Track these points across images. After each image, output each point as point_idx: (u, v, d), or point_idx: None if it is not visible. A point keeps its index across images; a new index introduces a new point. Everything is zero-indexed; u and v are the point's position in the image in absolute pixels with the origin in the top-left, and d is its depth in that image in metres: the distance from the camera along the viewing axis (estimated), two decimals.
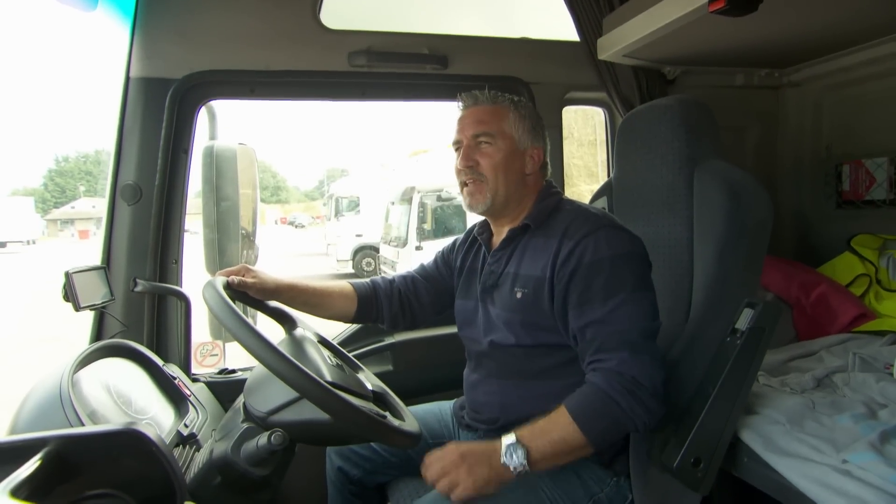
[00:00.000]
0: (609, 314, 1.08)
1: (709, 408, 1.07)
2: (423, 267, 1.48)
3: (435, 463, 1.01)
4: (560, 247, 1.14)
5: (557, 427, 1.02)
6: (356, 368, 1.31)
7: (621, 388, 1.02)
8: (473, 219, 1.39)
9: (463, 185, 1.26)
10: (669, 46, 1.63)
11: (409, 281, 1.44)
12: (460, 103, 1.29)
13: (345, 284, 1.44)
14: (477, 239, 1.37)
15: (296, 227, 36.44)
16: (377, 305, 1.41)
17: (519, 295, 1.19)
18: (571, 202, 1.27)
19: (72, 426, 1.00)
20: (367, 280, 1.46)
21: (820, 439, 1.05)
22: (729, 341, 1.11)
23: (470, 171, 1.24)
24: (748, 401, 1.18)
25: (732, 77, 2.01)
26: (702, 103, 1.36)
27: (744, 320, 1.11)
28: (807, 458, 1.01)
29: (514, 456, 0.98)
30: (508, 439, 1.00)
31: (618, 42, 1.64)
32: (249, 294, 1.23)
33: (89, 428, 0.98)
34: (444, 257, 1.45)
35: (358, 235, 12.50)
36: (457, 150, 1.28)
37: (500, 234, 1.30)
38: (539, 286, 1.16)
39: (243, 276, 1.22)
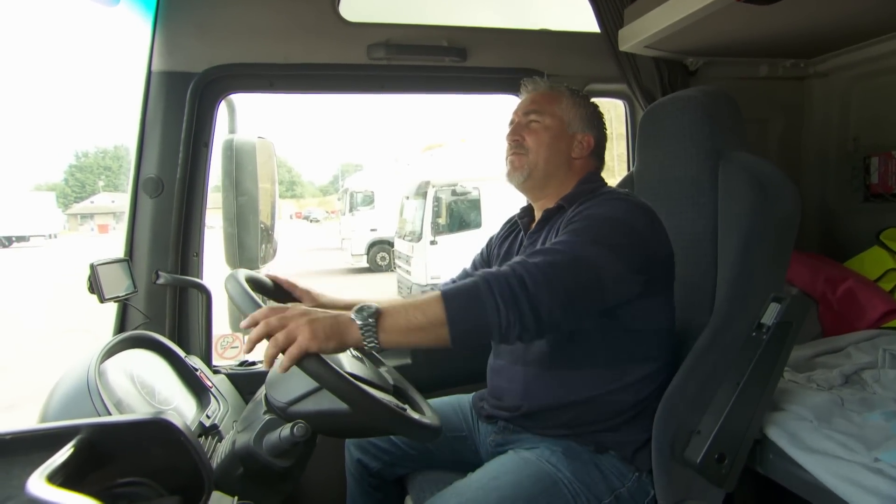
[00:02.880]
0: (560, 241, 1.05)
1: (734, 403, 1.05)
2: (472, 264, 1.49)
3: (277, 312, 0.90)
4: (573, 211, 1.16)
5: (422, 299, 0.95)
6: (377, 362, 1.31)
7: (504, 281, 0.94)
8: (489, 213, 1.39)
9: (506, 156, 1.30)
10: (692, 37, 1.60)
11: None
12: (521, 90, 1.35)
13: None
14: (518, 224, 1.39)
15: (310, 221, 36.68)
16: None
17: None
18: (612, 189, 1.28)
19: (99, 415, 1.02)
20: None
21: (850, 437, 1.03)
22: (755, 336, 1.09)
23: (515, 144, 1.28)
24: (773, 397, 1.16)
25: (756, 68, 1.98)
26: (727, 94, 1.33)
27: (770, 315, 1.09)
28: (836, 455, 0.99)
29: (363, 311, 0.91)
30: (366, 308, 0.92)
31: (639, 33, 1.61)
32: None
33: (119, 417, 1.00)
34: (489, 249, 1.47)
35: (372, 230, 12.56)
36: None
37: (538, 217, 1.31)
38: None
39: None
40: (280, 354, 0.88)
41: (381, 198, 12.49)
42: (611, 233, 1.07)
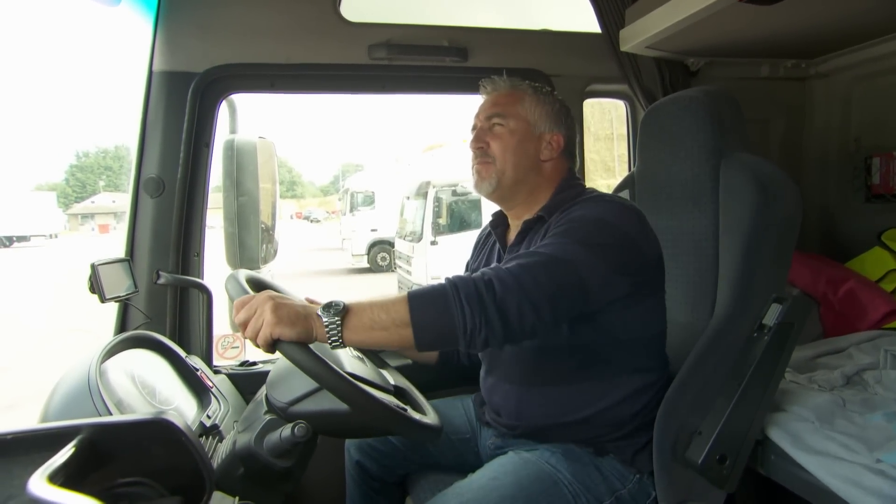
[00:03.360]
0: (545, 245, 1.02)
1: (735, 404, 1.05)
2: None
3: (244, 302, 0.91)
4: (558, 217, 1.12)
5: (389, 299, 0.94)
6: (377, 363, 1.31)
7: (471, 284, 0.92)
8: (490, 213, 1.38)
9: (472, 165, 1.26)
10: (693, 37, 1.60)
11: None
12: (481, 90, 1.29)
13: None
14: (492, 234, 1.35)
15: (311, 221, 36.73)
16: None
17: None
18: (594, 192, 1.22)
19: (100, 415, 1.02)
20: None
21: (851, 438, 1.03)
22: (756, 337, 1.09)
23: (479, 151, 1.23)
24: (775, 398, 1.16)
25: (757, 68, 1.98)
26: (728, 95, 1.33)
27: (771, 316, 1.09)
28: (838, 456, 0.99)
29: (331, 308, 0.91)
30: (334, 302, 0.92)
31: (640, 33, 1.61)
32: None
33: (120, 417, 1.00)
34: (470, 266, 1.43)
35: (373, 230, 12.56)
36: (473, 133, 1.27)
37: (515, 228, 1.27)
38: None
39: None
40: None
41: (381, 198, 12.50)
42: (597, 233, 1.04)
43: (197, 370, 1.41)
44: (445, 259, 7.72)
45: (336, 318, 0.90)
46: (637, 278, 1.08)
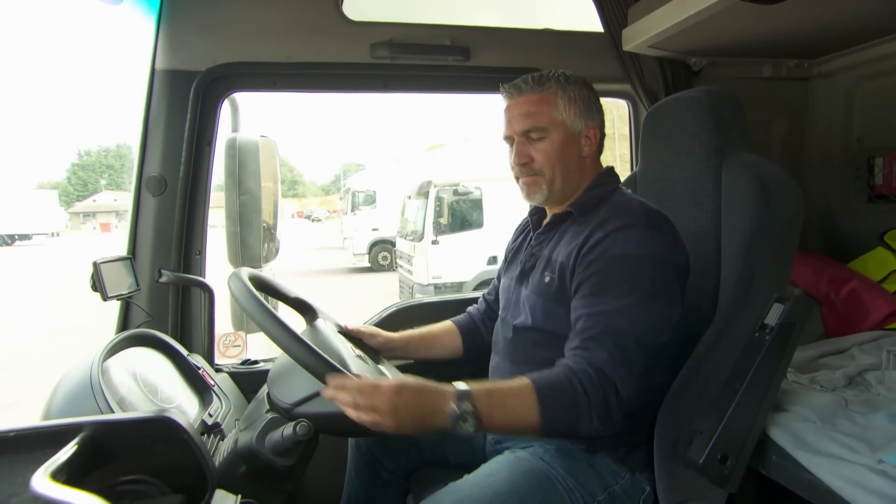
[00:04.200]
0: (615, 311, 1.03)
1: (737, 404, 1.04)
2: (497, 275, 1.48)
3: (365, 395, 0.93)
4: (589, 236, 1.11)
5: (518, 404, 0.98)
6: (377, 360, 1.31)
7: (599, 388, 0.98)
8: (491, 213, 1.38)
9: (517, 178, 1.24)
10: (696, 37, 1.59)
11: (495, 291, 1.45)
12: (503, 98, 1.23)
13: (446, 322, 1.49)
14: (529, 221, 1.36)
15: (312, 220, 36.79)
16: (479, 331, 1.45)
17: (547, 279, 1.17)
18: (625, 194, 1.21)
19: (102, 413, 1.02)
20: (465, 312, 1.51)
21: (854, 438, 1.02)
22: (758, 337, 1.09)
23: (525, 168, 1.20)
24: (777, 398, 1.16)
25: (760, 68, 1.97)
26: (730, 95, 1.33)
27: (773, 316, 1.08)
28: (840, 457, 0.99)
29: (463, 423, 0.94)
30: (463, 404, 0.94)
31: (643, 33, 1.61)
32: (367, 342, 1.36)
33: (122, 415, 1.00)
34: (507, 248, 1.45)
35: (374, 229, 12.57)
36: (509, 143, 1.24)
37: (550, 216, 1.28)
38: (563, 272, 1.14)
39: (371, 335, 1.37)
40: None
41: (382, 197, 12.50)
42: (660, 277, 1.06)
43: (199, 368, 1.41)
44: (447, 258, 7.71)
45: (473, 430, 0.95)
46: (682, 295, 1.13)
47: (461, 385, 0.97)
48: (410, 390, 0.95)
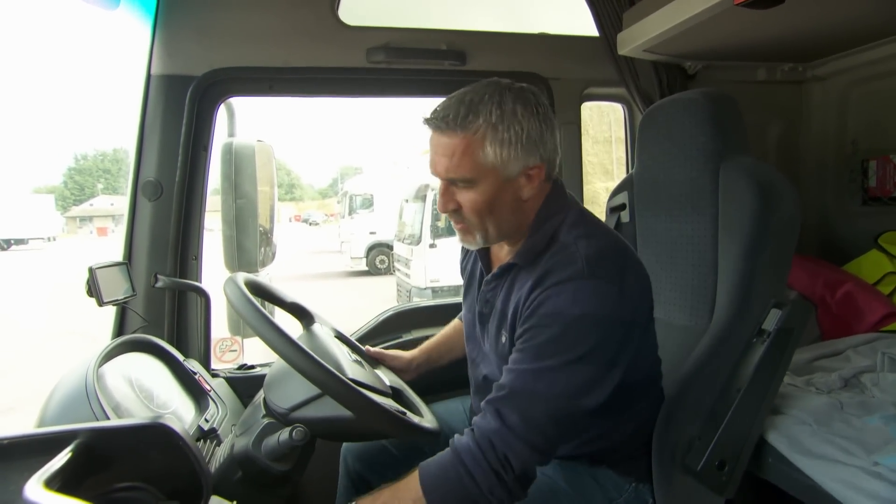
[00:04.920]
0: (532, 371, 0.93)
1: (734, 410, 1.05)
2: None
3: None
4: (531, 289, 0.98)
5: (404, 501, 0.93)
6: (374, 364, 1.31)
7: (486, 466, 0.90)
8: None
9: (453, 224, 1.09)
10: (691, 41, 1.60)
11: None
12: (426, 123, 1.01)
13: (454, 322, 1.47)
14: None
15: (310, 224, 36.72)
16: None
17: (503, 339, 1.07)
18: (571, 231, 1.02)
19: (97, 419, 1.01)
20: None
21: (849, 440, 1.03)
22: (756, 342, 1.09)
23: (453, 213, 1.04)
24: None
25: (754, 72, 1.98)
26: (728, 96, 1.32)
27: (771, 321, 1.09)
28: (835, 459, 0.99)
29: None
30: None
31: (638, 37, 1.61)
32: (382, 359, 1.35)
33: (118, 422, 0.99)
34: (462, 267, 1.34)
35: (372, 233, 12.55)
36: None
37: (496, 260, 1.16)
38: (512, 329, 1.04)
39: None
40: None
41: (380, 201, 12.49)
42: (592, 339, 0.92)
43: (195, 374, 1.41)
44: (444, 262, 7.71)
45: None
46: (635, 350, 1.00)
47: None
48: None
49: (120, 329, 1.54)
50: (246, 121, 1.68)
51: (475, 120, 0.96)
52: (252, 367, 1.71)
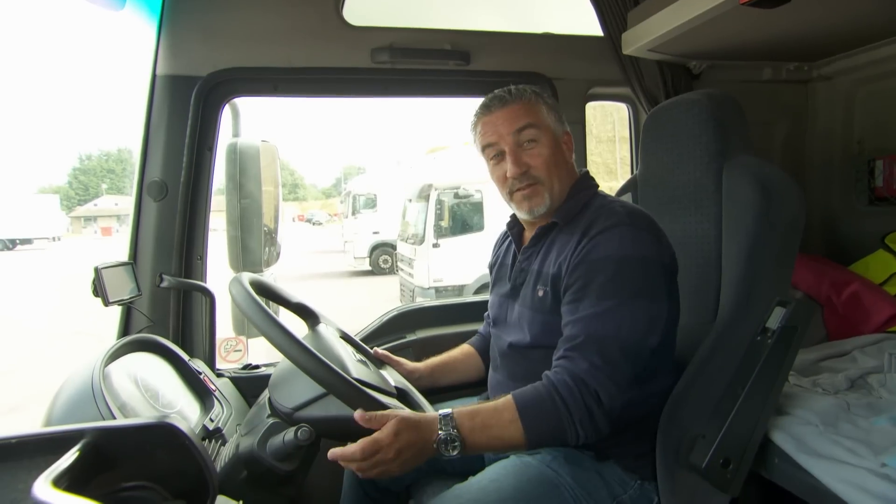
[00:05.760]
0: (598, 315, 1.03)
1: (739, 408, 1.04)
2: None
3: (368, 457, 0.94)
4: (578, 243, 1.10)
5: (500, 423, 0.99)
6: (378, 365, 1.31)
7: (580, 399, 0.98)
8: (492, 215, 1.38)
9: (511, 192, 1.21)
10: (696, 40, 1.60)
11: None
12: (481, 111, 1.22)
13: (463, 346, 1.51)
14: (508, 234, 1.35)
15: (313, 224, 36.83)
16: None
17: (541, 293, 1.16)
18: (606, 197, 1.20)
19: (104, 419, 1.02)
20: (477, 334, 1.52)
21: (856, 441, 1.02)
22: (760, 340, 1.09)
23: (523, 177, 1.17)
24: (778, 401, 1.15)
25: (760, 71, 1.97)
26: (731, 97, 1.33)
27: (775, 319, 1.08)
28: (842, 460, 0.99)
29: (448, 448, 0.97)
30: (445, 430, 0.97)
31: (643, 36, 1.61)
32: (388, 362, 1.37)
33: (124, 421, 0.99)
34: (490, 265, 1.44)
35: (375, 233, 12.57)
36: (494, 156, 1.21)
37: (530, 230, 1.27)
38: (556, 283, 1.13)
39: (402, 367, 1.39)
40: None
41: (383, 200, 12.51)
42: (644, 276, 1.05)
43: (200, 373, 1.41)
44: (447, 262, 7.71)
45: (457, 454, 0.97)
46: (671, 293, 1.12)
47: (444, 410, 1.00)
48: (406, 430, 0.96)
49: (125, 329, 1.55)
50: (250, 121, 1.69)
51: (525, 92, 1.20)
52: (257, 366, 1.71)
